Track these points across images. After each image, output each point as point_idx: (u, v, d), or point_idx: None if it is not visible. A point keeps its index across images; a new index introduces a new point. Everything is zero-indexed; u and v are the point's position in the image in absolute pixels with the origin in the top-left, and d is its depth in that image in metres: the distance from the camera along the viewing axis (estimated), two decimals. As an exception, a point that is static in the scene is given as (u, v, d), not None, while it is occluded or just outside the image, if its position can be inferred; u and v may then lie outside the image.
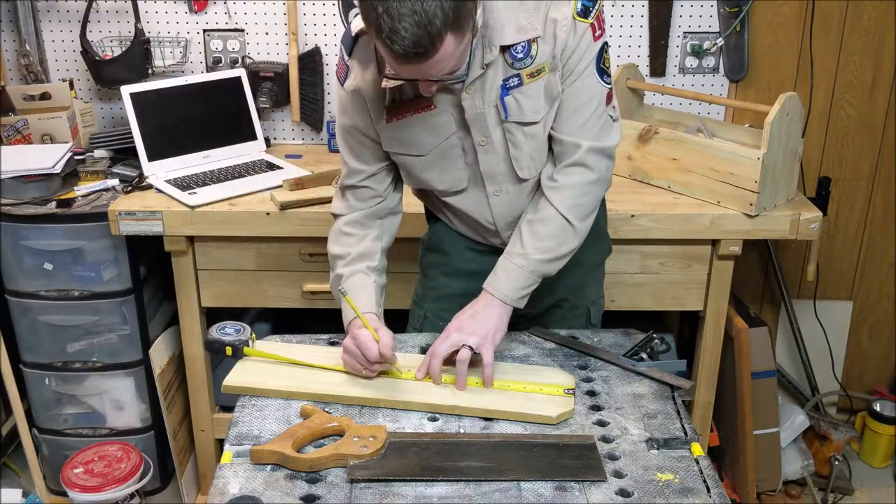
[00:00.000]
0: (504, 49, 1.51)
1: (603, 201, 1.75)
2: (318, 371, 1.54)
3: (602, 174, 1.60)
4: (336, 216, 1.71)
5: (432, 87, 1.46)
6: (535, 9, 1.50)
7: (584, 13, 1.51)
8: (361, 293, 1.60)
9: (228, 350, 1.58)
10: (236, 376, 1.53)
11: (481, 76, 1.52)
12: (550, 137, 1.59)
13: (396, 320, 1.75)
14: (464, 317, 1.55)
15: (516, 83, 1.53)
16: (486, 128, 1.57)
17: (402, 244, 1.77)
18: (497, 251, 1.65)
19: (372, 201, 1.68)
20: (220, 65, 2.70)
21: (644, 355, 1.62)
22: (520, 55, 1.51)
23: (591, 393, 1.52)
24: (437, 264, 1.83)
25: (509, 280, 1.57)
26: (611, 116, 1.59)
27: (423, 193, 1.78)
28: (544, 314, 1.82)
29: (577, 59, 1.52)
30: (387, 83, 1.50)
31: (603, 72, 1.55)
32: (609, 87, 1.57)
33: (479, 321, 1.54)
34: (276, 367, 1.56)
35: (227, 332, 1.60)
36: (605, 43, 1.55)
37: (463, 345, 1.50)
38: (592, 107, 1.56)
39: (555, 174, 1.59)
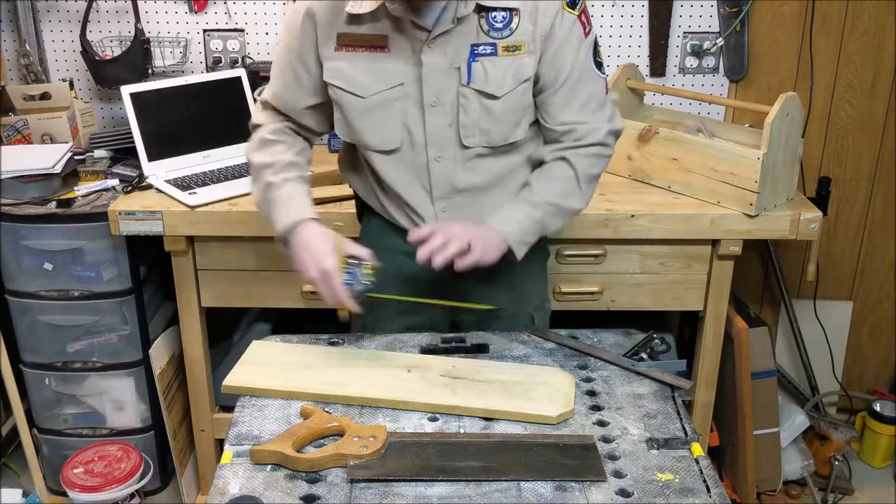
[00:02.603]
0: (481, 11, 1.50)
1: None
2: (318, 371, 1.54)
3: (611, 153, 1.66)
4: (257, 126, 1.69)
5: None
6: None
7: (573, 4, 1.53)
8: (299, 199, 1.58)
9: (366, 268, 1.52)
10: (236, 376, 1.53)
11: (448, 32, 1.50)
12: (547, 126, 1.61)
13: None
14: (466, 226, 1.54)
15: (489, 52, 1.51)
16: (440, 88, 1.54)
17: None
18: None
19: (287, 123, 1.67)
20: (220, 65, 2.70)
21: (644, 355, 1.62)
22: (499, 24, 1.50)
23: (591, 393, 1.52)
24: None
25: (514, 221, 1.58)
26: (613, 101, 1.67)
27: (355, 168, 1.73)
28: (482, 321, 1.75)
29: (573, 56, 1.55)
30: (352, 7, 1.48)
31: (599, 64, 1.61)
32: (605, 77, 1.64)
33: (481, 233, 1.53)
34: (276, 368, 1.56)
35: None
36: (596, 35, 1.60)
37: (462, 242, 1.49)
38: (601, 96, 1.61)
39: (568, 150, 1.61)
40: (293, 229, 1.57)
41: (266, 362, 1.58)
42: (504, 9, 1.50)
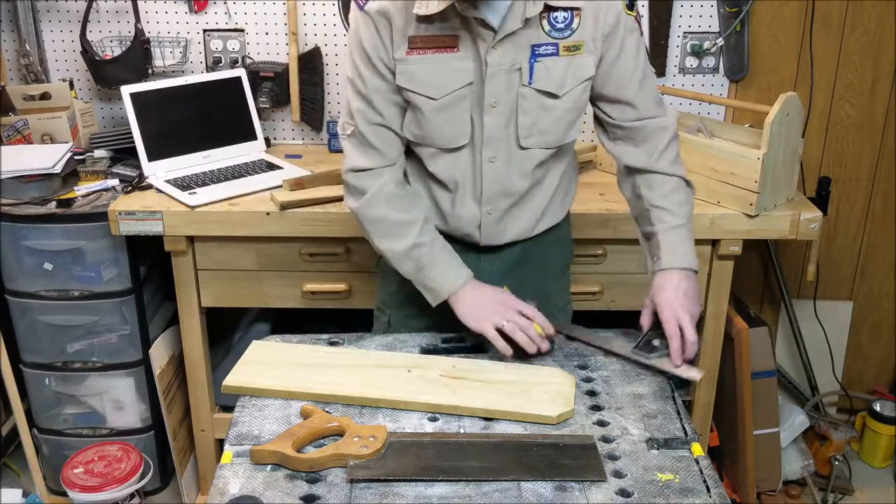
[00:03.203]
0: (545, 11, 1.50)
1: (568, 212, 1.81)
2: (317, 371, 1.54)
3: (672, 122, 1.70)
4: (364, 171, 1.61)
5: None
6: None
7: (631, 4, 1.56)
8: (453, 260, 1.62)
9: (537, 328, 1.57)
10: (236, 376, 1.53)
11: (514, 34, 1.50)
12: (625, 126, 1.63)
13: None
14: (677, 296, 1.57)
15: (551, 51, 1.52)
16: (501, 88, 1.54)
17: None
18: (458, 246, 1.67)
19: (398, 145, 1.62)
20: (220, 65, 2.70)
21: (657, 342, 1.61)
22: (560, 24, 1.51)
23: (591, 393, 1.52)
24: (392, 268, 1.70)
25: (686, 248, 1.62)
26: None
27: (412, 179, 1.73)
28: None
29: (634, 57, 1.58)
30: (419, 8, 1.46)
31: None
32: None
33: (692, 297, 1.58)
34: (276, 368, 1.56)
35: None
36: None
37: (685, 320, 1.54)
38: (653, 85, 1.64)
39: (657, 153, 1.64)
40: (463, 287, 1.61)
41: (266, 362, 1.58)
42: (567, 8, 1.51)
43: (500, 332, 1.54)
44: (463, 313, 1.58)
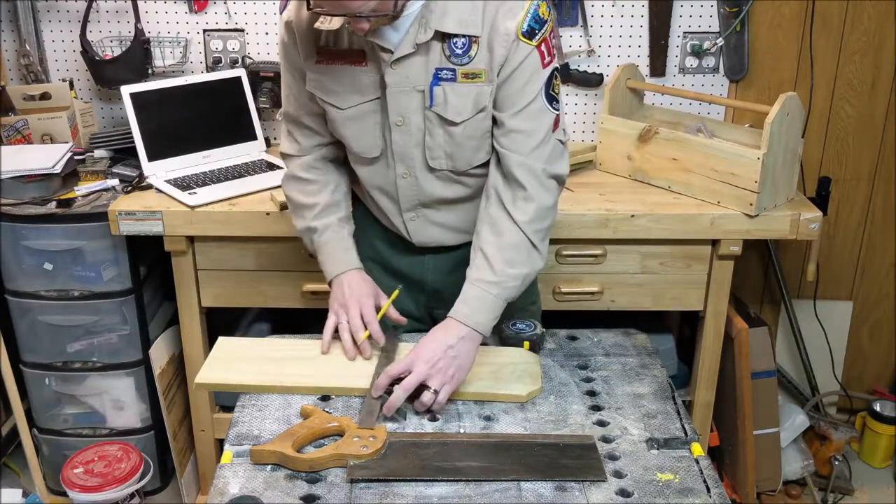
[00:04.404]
0: (443, 38, 1.50)
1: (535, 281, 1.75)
2: (287, 364, 1.56)
3: (556, 201, 1.59)
4: (286, 156, 1.74)
5: (363, 23, 1.40)
6: (483, 8, 1.48)
7: (530, 34, 1.49)
8: (339, 250, 1.67)
9: (525, 344, 1.62)
10: (207, 373, 1.54)
11: (410, 56, 1.50)
12: (497, 154, 1.56)
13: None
14: (435, 348, 1.46)
15: (449, 77, 1.52)
16: (405, 109, 1.55)
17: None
18: (402, 242, 1.72)
19: (316, 139, 1.70)
20: (220, 65, 2.70)
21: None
22: (459, 51, 1.51)
23: (591, 393, 1.52)
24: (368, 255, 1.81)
25: (484, 310, 1.50)
26: (560, 141, 1.58)
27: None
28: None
29: (522, 85, 1.50)
30: (320, 23, 1.47)
31: (552, 98, 1.54)
32: (557, 112, 1.56)
33: (451, 358, 1.46)
34: (245, 363, 1.57)
35: (520, 327, 1.66)
36: (556, 68, 1.54)
37: (426, 383, 1.43)
38: (542, 133, 1.54)
39: (511, 196, 1.53)
40: (338, 276, 1.67)
41: (235, 358, 1.59)
42: (464, 35, 1.50)
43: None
44: (330, 298, 1.67)
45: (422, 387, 1.44)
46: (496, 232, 1.54)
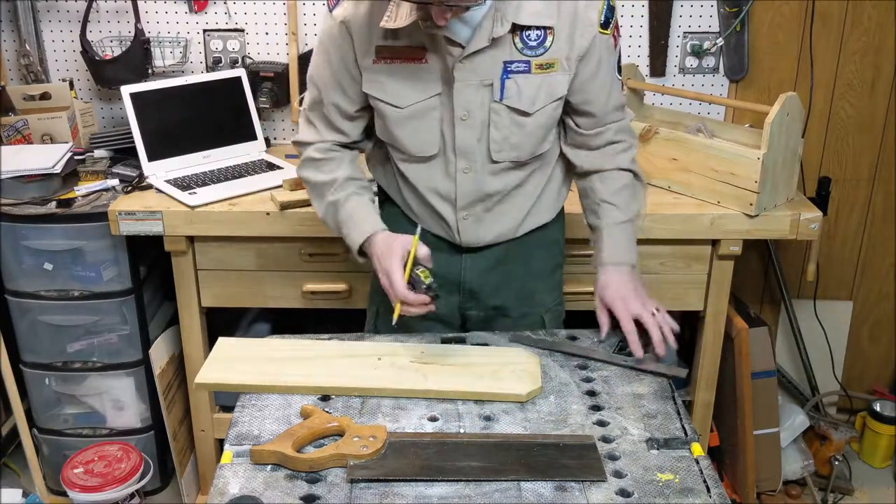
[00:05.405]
0: (516, 30, 1.50)
1: (561, 211, 1.82)
2: (287, 364, 1.56)
3: (637, 141, 1.75)
4: (303, 143, 1.71)
5: (447, 13, 1.41)
6: None
7: (606, 25, 1.56)
8: (365, 214, 1.62)
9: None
10: (207, 373, 1.54)
11: (482, 51, 1.50)
12: (585, 133, 1.66)
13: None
14: (624, 291, 1.61)
15: (522, 69, 1.53)
16: (471, 103, 1.55)
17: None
18: (439, 243, 1.68)
19: (338, 136, 1.68)
20: (220, 65, 2.70)
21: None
22: (533, 42, 1.52)
23: (591, 393, 1.52)
24: None
25: (628, 246, 1.66)
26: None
27: (382, 165, 1.76)
28: (491, 319, 1.79)
29: (597, 65, 1.58)
30: (387, 21, 1.47)
31: (619, 69, 1.68)
32: (620, 77, 1.70)
33: (638, 289, 1.62)
34: (245, 363, 1.57)
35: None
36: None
37: (651, 312, 1.58)
38: (619, 93, 1.67)
39: (612, 153, 1.67)
40: (367, 243, 1.61)
41: (235, 358, 1.59)
42: (539, 27, 1.51)
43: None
44: (374, 261, 1.59)
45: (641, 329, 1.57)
46: (607, 182, 1.69)
